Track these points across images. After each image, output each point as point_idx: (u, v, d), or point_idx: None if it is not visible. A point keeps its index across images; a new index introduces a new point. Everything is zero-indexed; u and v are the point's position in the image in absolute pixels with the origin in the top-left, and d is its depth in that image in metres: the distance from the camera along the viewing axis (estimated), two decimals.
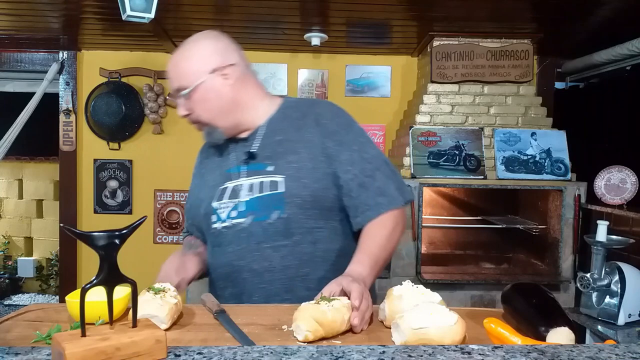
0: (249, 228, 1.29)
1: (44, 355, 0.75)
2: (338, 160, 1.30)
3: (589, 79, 3.60)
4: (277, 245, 1.28)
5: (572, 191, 2.97)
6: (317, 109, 1.39)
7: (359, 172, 1.30)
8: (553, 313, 0.97)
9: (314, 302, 1.05)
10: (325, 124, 1.34)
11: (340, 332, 1.03)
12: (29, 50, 3.61)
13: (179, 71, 1.32)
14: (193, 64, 1.31)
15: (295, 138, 1.33)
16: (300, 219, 1.28)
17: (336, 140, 1.32)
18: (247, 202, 1.30)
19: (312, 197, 1.28)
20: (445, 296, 1.13)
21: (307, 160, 1.30)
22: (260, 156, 1.34)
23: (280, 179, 1.29)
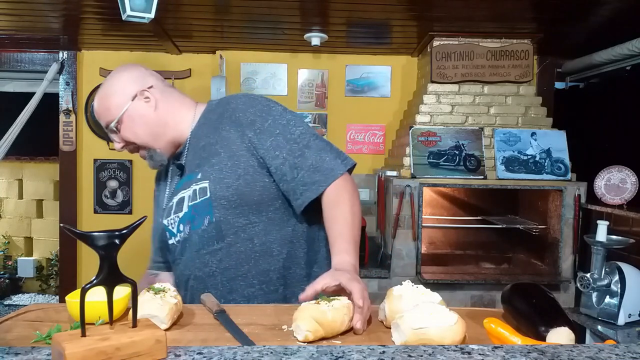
0: (189, 238, 1.32)
1: (44, 355, 0.75)
2: (263, 148, 1.27)
3: (589, 79, 3.60)
4: (213, 249, 1.29)
5: (572, 191, 2.97)
6: (231, 104, 1.36)
7: (287, 154, 1.26)
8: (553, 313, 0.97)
9: (313, 302, 1.05)
10: (239, 117, 1.31)
11: (340, 332, 1.03)
12: (29, 50, 3.61)
13: (102, 109, 1.35)
14: (114, 97, 1.34)
15: (215, 139, 1.32)
16: (229, 219, 1.28)
17: (255, 130, 1.28)
18: (185, 213, 1.33)
19: (237, 195, 1.27)
20: (445, 296, 1.13)
21: (226, 159, 1.29)
22: (191, 165, 1.35)
23: (206, 184, 1.29)
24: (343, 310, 1.03)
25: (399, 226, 2.95)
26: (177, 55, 3.61)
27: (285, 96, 3.59)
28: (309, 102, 3.62)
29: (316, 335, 0.98)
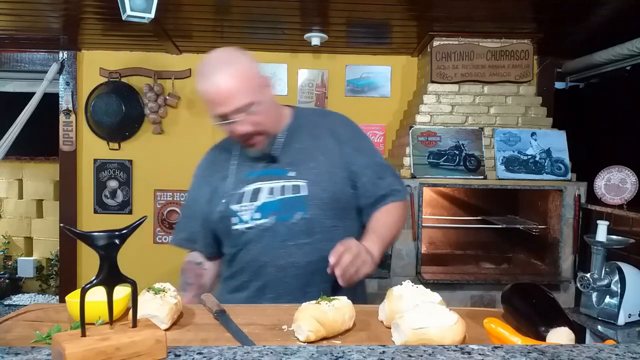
0: (273, 227, 1.40)
1: (44, 355, 0.75)
2: (355, 164, 1.47)
3: (589, 79, 3.60)
4: (300, 243, 1.40)
5: (572, 191, 2.97)
6: (329, 119, 1.56)
7: (372, 174, 1.49)
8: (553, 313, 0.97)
9: (314, 302, 1.05)
10: (339, 133, 1.50)
11: (342, 331, 1.03)
12: (29, 50, 3.61)
13: (236, 91, 1.33)
14: (247, 81, 1.35)
15: (313, 146, 1.47)
16: (320, 219, 1.42)
17: (353, 147, 1.49)
18: (269, 203, 1.41)
19: (331, 199, 1.43)
20: (445, 296, 1.13)
21: (325, 166, 1.44)
22: (282, 162, 1.45)
23: (303, 184, 1.42)
24: (343, 310, 1.04)
25: None
26: (177, 55, 3.61)
27: (285, 96, 3.59)
28: (309, 102, 3.62)
29: (317, 335, 0.98)
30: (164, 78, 3.60)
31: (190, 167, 3.98)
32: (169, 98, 3.56)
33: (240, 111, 1.34)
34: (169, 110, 3.62)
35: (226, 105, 1.34)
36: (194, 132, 3.64)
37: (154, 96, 3.54)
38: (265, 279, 1.41)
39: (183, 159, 3.66)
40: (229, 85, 1.33)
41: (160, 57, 3.61)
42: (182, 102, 3.63)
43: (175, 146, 3.64)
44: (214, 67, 1.37)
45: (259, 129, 1.39)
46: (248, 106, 1.34)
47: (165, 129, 3.64)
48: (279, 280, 1.39)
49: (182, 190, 3.66)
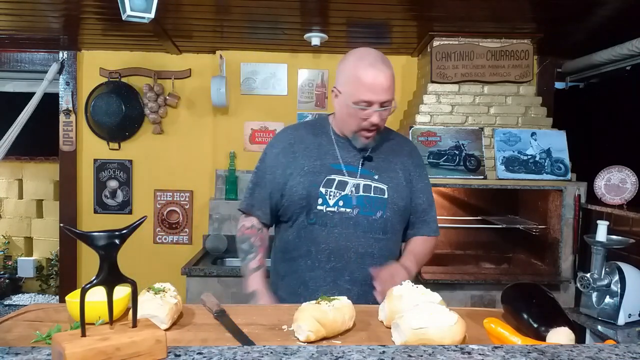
0: (356, 218, 1.60)
1: (44, 355, 0.75)
2: (416, 187, 1.72)
3: (589, 79, 3.60)
4: (378, 237, 1.63)
5: (572, 191, 2.97)
6: (409, 145, 1.81)
7: (425, 200, 1.74)
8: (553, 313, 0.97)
9: (314, 302, 1.05)
10: (414, 158, 1.76)
11: (342, 331, 1.03)
12: (29, 50, 3.61)
13: (391, 87, 1.55)
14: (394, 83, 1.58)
15: (394, 160, 1.70)
16: (394, 221, 1.65)
17: (417, 172, 1.74)
18: (355, 197, 1.61)
19: (404, 207, 1.68)
20: (445, 296, 1.13)
21: (402, 179, 1.69)
22: (372, 165, 1.67)
23: (384, 187, 1.64)
24: (343, 310, 1.04)
25: None
26: (177, 55, 3.61)
27: (285, 96, 3.59)
28: (309, 102, 3.62)
29: (318, 335, 0.98)
30: (164, 78, 3.60)
31: (190, 167, 3.98)
32: (169, 98, 3.56)
33: (385, 105, 1.55)
34: (169, 110, 3.62)
35: (380, 95, 1.52)
36: (194, 132, 3.64)
37: (154, 96, 3.54)
38: (345, 262, 1.60)
39: (183, 159, 3.66)
40: (389, 79, 1.54)
41: (160, 57, 3.61)
42: (182, 102, 3.63)
43: (175, 146, 3.64)
44: (379, 60, 1.56)
45: (382, 125, 1.61)
46: (391, 103, 1.56)
47: (165, 129, 3.64)
48: (357, 266, 1.59)
49: (182, 190, 3.66)
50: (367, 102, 1.53)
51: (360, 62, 1.55)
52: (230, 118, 3.58)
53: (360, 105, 1.53)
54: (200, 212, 3.65)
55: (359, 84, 1.53)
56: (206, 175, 3.63)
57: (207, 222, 3.57)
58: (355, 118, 1.57)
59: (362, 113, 1.54)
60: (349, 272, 1.60)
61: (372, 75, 1.52)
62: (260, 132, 3.59)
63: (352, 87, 1.55)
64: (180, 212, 3.66)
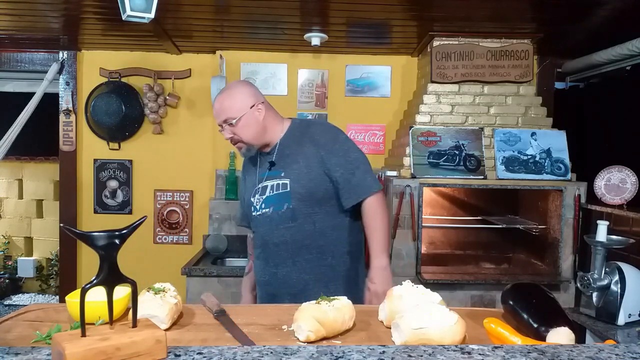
0: (271, 215, 1.86)
1: (44, 355, 0.75)
2: (329, 163, 1.84)
3: (589, 79, 3.60)
4: (288, 226, 1.84)
5: (572, 191, 2.97)
6: (311, 129, 1.93)
7: (344, 170, 1.84)
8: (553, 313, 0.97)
9: (314, 302, 1.05)
10: (317, 139, 1.88)
11: (342, 331, 1.03)
12: (29, 50, 3.61)
13: (225, 107, 1.82)
14: (237, 101, 1.83)
15: (296, 152, 1.87)
16: (300, 208, 1.83)
17: (327, 150, 1.86)
18: (269, 197, 1.87)
19: (308, 192, 1.83)
20: (445, 296, 1.13)
21: (303, 167, 1.85)
22: (277, 165, 1.89)
23: (287, 181, 1.84)
24: (343, 310, 1.04)
25: (399, 226, 2.95)
26: (177, 55, 3.61)
27: (285, 96, 3.59)
28: (309, 102, 3.62)
29: (318, 335, 0.98)
30: (164, 78, 3.60)
31: (190, 167, 3.99)
32: (169, 98, 3.56)
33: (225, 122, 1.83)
34: (169, 110, 3.62)
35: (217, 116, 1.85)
36: (194, 132, 3.64)
37: (154, 96, 3.54)
38: (268, 252, 1.88)
39: (183, 159, 3.66)
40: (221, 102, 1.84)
41: (160, 57, 3.61)
42: (182, 102, 3.63)
43: (175, 146, 3.64)
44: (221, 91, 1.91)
45: (237, 139, 1.84)
46: (229, 120, 1.81)
47: (165, 129, 3.64)
48: (275, 253, 1.86)
49: (182, 190, 3.66)
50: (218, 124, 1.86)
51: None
52: None
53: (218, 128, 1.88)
54: (200, 212, 3.65)
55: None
56: (206, 175, 3.63)
57: (207, 222, 3.57)
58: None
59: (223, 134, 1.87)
60: (272, 260, 1.87)
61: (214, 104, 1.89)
62: None
63: None
64: (180, 212, 3.66)
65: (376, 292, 1.74)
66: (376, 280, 1.77)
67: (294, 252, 1.85)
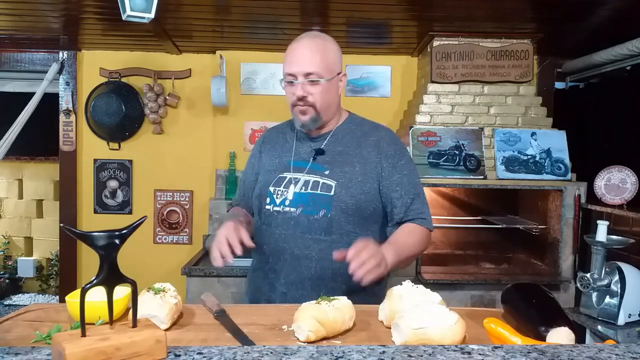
0: (297, 218, 1.50)
1: (44, 355, 0.75)
2: (389, 180, 1.55)
3: (589, 79, 3.60)
4: (318, 238, 1.49)
5: (572, 191, 2.97)
6: (379, 133, 1.64)
7: (405, 193, 1.55)
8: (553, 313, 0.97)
9: (314, 302, 1.05)
10: (384, 147, 1.58)
11: (342, 331, 1.03)
12: (29, 50, 3.61)
13: (317, 59, 1.50)
14: (330, 59, 1.53)
15: (354, 153, 1.57)
16: (341, 221, 1.49)
17: (390, 163, 1.56)
18: (302, 194, 1.51)
19: (355, 205, 1.50)
20: (445, 296, 1.13)
21: (359, 174, 1.53)
22: (325, 158, 1.56)
23: (332, 184, 1.51)
24: (343, 310, 1.04)
25: None
26: (177, 55, 3.61)
27: (285, 96, 3.59)
28: None
29: (318, 335, 0.98)
30: (164, 78, 3.60)
31: (190, 167, 4.00)
32: (169, 98, 3.56)
33: (311, 77, 1.49)
34: (169, 110, 3.62)
35: (301, 65, 1.50)
36: (194, 132, 3.64)
37: (154, 96, 3.54)
38: (281, 264, 1.51)
39: (183, 159, 3.66)
40: (312, 51, 1.51)
41: (160, 57, 3.61)
42: (182, 102, 3.62)
43: (175, 146, 3.64)
44: (308, 35, 1.57)
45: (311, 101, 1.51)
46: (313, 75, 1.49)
47: (165, 129, 3.64)
48: (292, 268, 1.49)
49: (182, 190, 3.66)
50: (291, 74, 1.52)
51: (292, 43, 1.58)
52: (230, 118, 3.58)
53: (286, 79, 1.54)
54: (200, 212, 3.65)
55: (286, 60, 1.55)
56: (206, 175, 3.63)
57: (207, 222, 3.57)
58: (287, 95, 1.57)
59: (290, 88, 1.54)
60: (285, 275, 1.50)
61: (295, 48, 1.54)
62: (260, 132, 3.59)
63: (284, 64, 1.56)
64: (180, 212, 3.66)
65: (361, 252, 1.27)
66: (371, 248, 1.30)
67: (317, 275, 1.48)
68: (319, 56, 1.50)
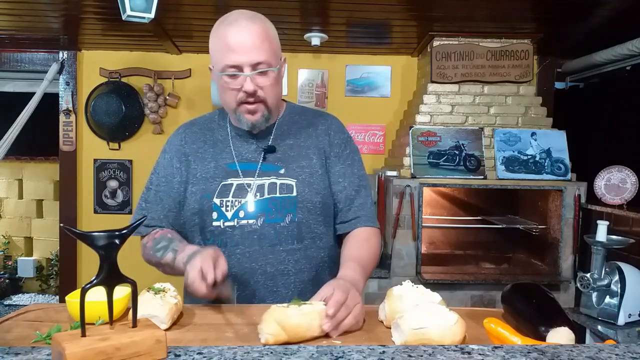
0: (261, 230, 1.28)
1: (44, 355, 0.75)
2: (332, 171, 1.37)
3: (589, 79, 3.60)
4: (291, 248, 1.29)
5: (572, 191, 2.97)
6: (327, 120, 1.44)
7: (348, 184, 1.38)
8: (553, 313, 0.97)
9: (285, 305, 1.01)
10: (332, 137, 1.40)
11: (308, 337, 0.98)
12: (29, 50, 3.61)
13: (264, 45, 1.24)
14: (275, 43, 1.29)
15: (307, 144, 1.37)
16: (310, 223, 1.31)
17: (335, 153, 1.39)
18: (257, 202, 1.29)
19: (322, 203, 1.33)
20: (445, 296, 1.13)
21: (318, 167, 1.35)
22: (276, 155, 1.34)
23: (292, 183, 1.31)
24: (312, 315, 0.98)
25: (399, 226, 2.95)
26: (177, 55, 3.61)
27: (285, 96, 3.59)
28: (309, 102, 3.62)
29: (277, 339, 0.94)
30: (164, 78, 3.60)
31: None
32: (169, 98, 3.56)
33: (260, 67, 1.24)
34: (169, 110, 3.62)
35: (247, 55, 1.22)
36: None
37: (154, 96, 3.54)
38: (253, 287, 1.27)
39: None
40: (256, 36, 1.23)
41: (160, 57, 3.61)
42: (182, 102, 3.63)
43: None
44: (243, 16, 1.27)
45: (262, 96, 1.27)
46: (261, 64, 1.24)
47: (165, 129, 3.64)
48: (268, 289, 1.26)
49: None
50: (234, 66, 1.23)
51: (222, 24, 1.27)
52: None
53: (228, 72, 1.24)
54: None
55: (221, 47, 1.25)
56: None
57: None
58: (229, 91, 1.27)
59: (233, 82, 1.25)
60: (259, 300, 1.25)
61: (233, 32, 1.23)
62: None
63: (217, 52, 1.27)
64: None
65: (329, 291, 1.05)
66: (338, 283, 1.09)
67: (298, 290, 1.28)
68: (266, 41, 1.24)
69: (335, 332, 0.99)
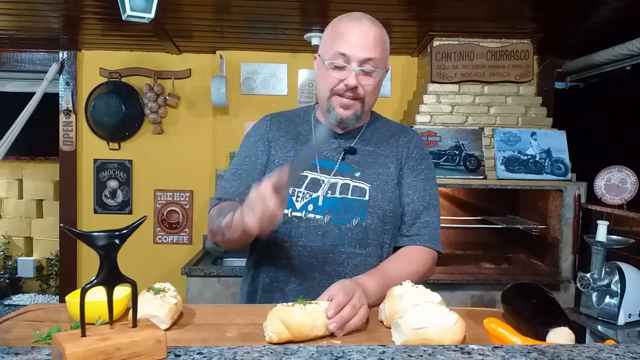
0: (326, 227, 1.28)
1: (44, 355, 0.75)
2: (403, 182, 1.37)
3: (589, 79, 3.60)
4: (352, 252, 1.29)
5: (572, 191, 2.97)
6: (409, 134, 1.46)
7: (417, 199, 1.37)
8: (553, 313, 0.97)
9: (290, 303, 1.01)
10: (411, 150, 1.41)
11: (312, 337, 0.99)
12: (29, 50, 3.61)
13: (377, 46, 1.28)
14: (386, 51, 1.34)
15: (386, 153, 1.39)
16: (377, 230, 1.30)
17: (410, 166, 1.39)
18: (331, 199, 1.30)
19: (393, 212, 1.33)
20: (445, 296, 1.12)
21: (394, 177, 1.35)
22: (356, 158, 1.36)
23: (366, 187, 1.32)
24: (316, 314, 0.99)
25: None
26: (177, 55, 3.61)
27: (285, 96, 3.59)
28: (309, 102, 3.62)
29: (281, 338, 0.95)
30: (164, 78, 3.60)
31: (190, 167, 4.00)
32: (169, 98, 3.56)
33: (367, 66, 1.27)
34: (169, 110, 3.62)
35: (360, 50, 1.26)
36: (194, 132, 3.64)
37: (154, 96, 3.54)
38: (309, 283, 1.27)
39: (183, 159, 3.66)
40: (375, 37, 1.28)
41: (160, 57, 3.61)
42: (182, 102, 3.63)
43: (175, 146, 3.64)
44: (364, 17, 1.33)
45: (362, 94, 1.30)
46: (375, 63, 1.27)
47: (165, 129, 3.64)
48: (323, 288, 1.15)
49: (182, 190, 3.66)
50: (344, 54, 1.26)
51: (344, 18, 1.34)
52: (230, 118, 3.58)
53: (335, 61, 1.27)
54: (200, 212, 3.65)
55: (337, 37, 1.29)
56: (206, 175, 3.63)
57: (207, 222, 3.57)
58: (329, 79, 1.29)
59: (337, 73, 1.28)
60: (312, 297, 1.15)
61: (353, 27, 1.28)
62: None
63: (330, 42, 1.31)
64: (180, 212, 3.66)
65: (334, 291, 1.05)
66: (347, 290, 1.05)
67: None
68: (379, 45, 1.28)
69: (340, 331, 0.99)
